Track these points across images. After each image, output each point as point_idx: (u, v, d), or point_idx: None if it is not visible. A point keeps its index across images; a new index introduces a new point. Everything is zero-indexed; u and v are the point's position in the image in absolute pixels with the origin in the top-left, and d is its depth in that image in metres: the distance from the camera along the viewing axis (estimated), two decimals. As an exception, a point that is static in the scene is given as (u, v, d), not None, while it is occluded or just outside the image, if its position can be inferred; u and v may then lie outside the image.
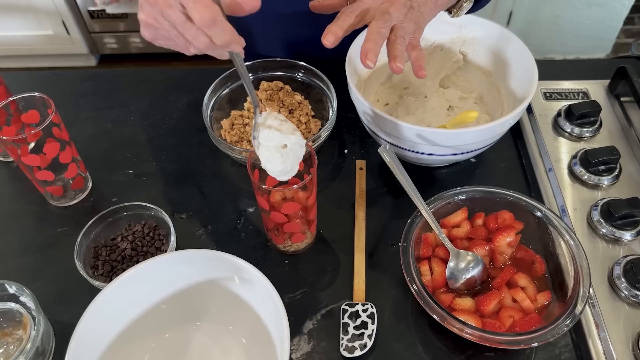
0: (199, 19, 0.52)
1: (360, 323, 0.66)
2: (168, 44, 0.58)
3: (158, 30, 0.56)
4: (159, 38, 0.57)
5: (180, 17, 0.53)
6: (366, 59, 0.62)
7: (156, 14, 0.54)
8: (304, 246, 0.74)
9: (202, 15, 0.51)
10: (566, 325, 0.58)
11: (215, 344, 0.65)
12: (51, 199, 0.80)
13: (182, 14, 0.53)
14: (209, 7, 0.52)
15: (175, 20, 0.53)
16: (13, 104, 0.74)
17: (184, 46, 0.57)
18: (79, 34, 2.35)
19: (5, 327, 0.66)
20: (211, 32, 0.53)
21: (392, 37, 0.65)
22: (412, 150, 0.74)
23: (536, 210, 0.68)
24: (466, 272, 0.65)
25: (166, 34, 0.56)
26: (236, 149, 0.78)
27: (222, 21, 0.53)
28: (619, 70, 0.88)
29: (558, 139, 0.84)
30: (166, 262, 0.61)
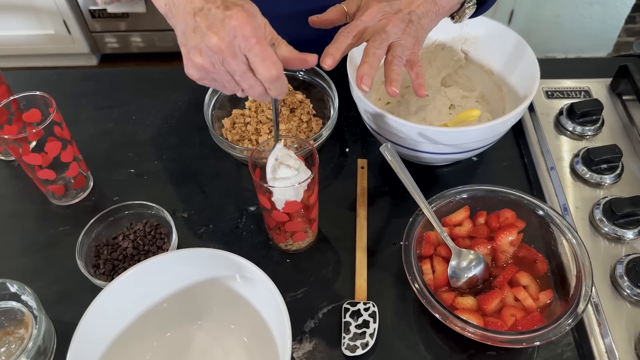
0: (266, 75, 0.53)
1: (361, 322, 0.66)
2: (213, 85, 0.58)
3: (210, 73, 0.56)
4: (207, 79, 0.57)
5: (241, 67, 0.53)
6: (361, 83, 0.62)
7: (216, 60, 0.53)
8: (305, 245, 0.74)
9: (270, 72, 0.53)
10: (568, 324, 0.58)
11: (216, 343, 0.65)
12: (52, 198, 0.80)
13: (243, 64, 0.53)
14: (276, 64, 0.53)
15: (235, 70, 0.54)
16: (14, 103, 0.74)
17: (231, 89, 0.58)
18: (80, 34, 2.35)
19: (7, 326, 0.66)
20: (271, 86, 0.55)
21: (389, 57, 0.65)
22: (413, 149, 0.74)
23: (538, 209, 0.68)
24: (468, 271, 0.65)
25: (217, 78, 0.56)
26: (237, 148, 0.77)
27: (283, 76, 0.54)
28: (621, 69, 0.87)
29: (560, 138, 0.83)
30: (167, 261, 0.61)
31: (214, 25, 0.51)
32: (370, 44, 0.64)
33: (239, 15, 0.51)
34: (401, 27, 0.65)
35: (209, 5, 0.52)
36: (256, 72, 0.53)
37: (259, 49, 0.51)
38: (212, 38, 0.51)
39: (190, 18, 0.53)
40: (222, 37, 0.51)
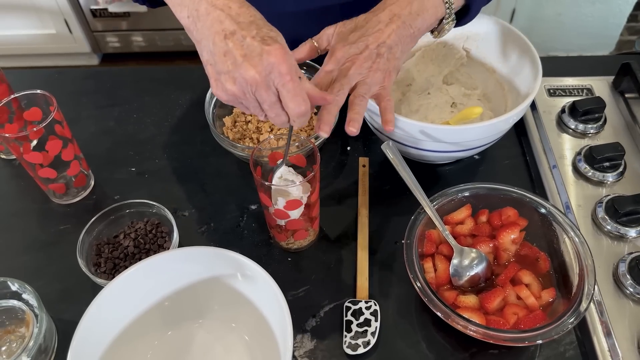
0: (296, 111, 0.55)
1: (363, 320, 0.65)
2: (239, 106, 0.59)
3: (239, 99, 0.57)
4: (235, 103, 0.58)
5: (272, 98, 0.55)
6: (319, 130, 0.61)
7: (248, 90, 0.54)
8: (306, 243, 0.74)
9: (300, 108, 0.55)
10: (571, 323, 0.57)
11: (218, 341, 0.65)
12: (53, 196, 0.80)
13: (274, 96, 0.55)
14: (306, 101, 0.55)
15: (265, 99, 0.55)
16: (15, 102, 0.74)
17: (256, 113, 0.58)
18: (81, 33, 2.35)
19: (8, 325, 0.66)
20: (298, 120, 0.56)
21: (351, 97, 0.64)
22: (415, 147, 0.74)
23: (540, 207, 0.68)
24: (470, 269, 0.65)
25: (245, 103, 0.57)
26: (239, 146, 0.77)
27: (309, 112, 0.56)
28: (624, 67, 0.87)
29: (562, 136, 0.83)
30: (168, 259, 0.61)
31: (251, 58, 0.52)
32: (329, 91, 0.63)
33: (278, 52, 0.52)
34: (367, 66, 0.64)
35: (244, 32, 0.53)
36: (286, 106, 0.55)
37: (292, 85, 0.53)
38: (249, 71, 0.52)
39: (220, 39, 0.54)
40: (259, 71, 0.52)
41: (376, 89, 0.65)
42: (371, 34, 0.65)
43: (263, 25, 0.54)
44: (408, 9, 0.66)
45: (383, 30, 0.65)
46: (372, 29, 0.65)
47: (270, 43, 0.52)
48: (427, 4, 0.67)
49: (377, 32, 0.65)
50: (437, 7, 0.67)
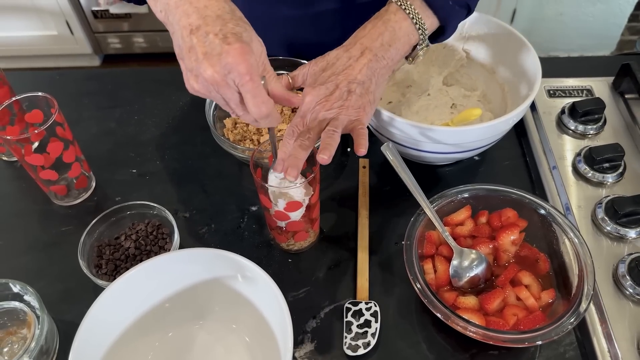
0: (256, 112, 0.54)
1: (363, 321, 0.66)
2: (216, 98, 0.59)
3: (207, 96, 0.57)
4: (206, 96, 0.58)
5: (235, 97, 0.55)
6: (287, 174, 0.61)
7: (211, 88, 0.54)
8: (307, 245, 0.74)
9: (259, 110, 0.54)
10: (570, 323, 0.58)
11: (218, 343, 0.65)
12: (55, 198, 0.80)
13: (237, 94, 0.54)
14: (266, 103, 0.54)
15: (230, 99, 0.55)
16: (17, 104, 0.74)
17: (227, 110, 0.58)
18: (82, 34, 2.35)
19: (10, 326, 0.66)
20: (261, 121, 0.56)
21: (323, 132, 0.63)
22: (415, 148, 0.74)
23: (540, 208, 0.68)
24: (470, 270, 0.65)
25: (215, 98, 0.57)
26: (239, 148, 0.78)
27: (273, 113, 0.56)
28: (623, 67, 0.87)
29: (562, 137, 0.83)
30: (169, 260, 0.61)
31: (210, 57, 0.52)
32: (298, 137, 0.63)
33: (236, 52, 0.51)
34: (337, 105, 0.63)
35: (207, 28, 0.52)
36: (247, 107, 0.55)
37: (251, 86, 0.52)
38: (207, 70, 0.52)
39: (186, 34, 0.54)
40: (217, 71, 0.52)
41: (350, 123, 0.64)
42: (341, 71, 0.65)
43: (230, 19, 0.53)
44: (379, 41, 0.66)
45: (354, 66, 0.65)
46: (342, 66, 0.65)
47: (232, 42, 0.51)
48: (399, 33, 0.66)
49: (347, 69, 0.65)
50: (410, 34, 0.67)
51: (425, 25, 0.67)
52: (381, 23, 0.67)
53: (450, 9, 0.68)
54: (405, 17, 0.66)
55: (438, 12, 0.67)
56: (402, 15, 0.66)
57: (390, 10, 0.67)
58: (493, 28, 0.83)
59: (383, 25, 0.67)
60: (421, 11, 0.67)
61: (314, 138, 0.63)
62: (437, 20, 0.68)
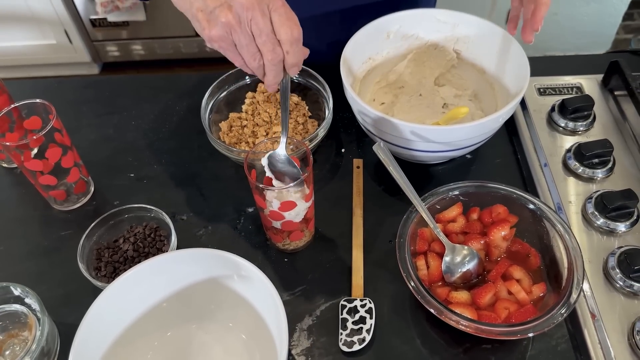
0: (289, 34, 0.55)
1: (358, 318, 0.67)
2: (229, 50, 0.59)
3: (235, 33, 0.57)
4: (226, 42, 0.58)
5: (268, 26, 0.55)
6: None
7: (244, 18, 0.55)
8: (302, 244, 0.75)
9: (292, 31, 0.55)
10: (561, 315, 0.59)
11: (216, 341, 0.66)
12: (54, 203, 0.82)
13: (269, 23, 0.55)
14: (298, 25, 0.56)
15: (262, 29, 0.55)
16: (15, 111, 0.75)
17: (248, 57, 0.58)
18: (81, 43, 2.37)
19: (11, 329, 0.67)
20: (291, 49, 0.57)
21: None
22: (407, 147, 0.75)
23: (529, 203, 0.69)
24: (462, 266, 0.66)
25: (239, 40, 0.57)
26: (235, 150, 0.79)
27: (301, 41, 0.57)
28: (612, 65, 0.88)
29: (552, 134, 0.84)
30: (167, 261, 0.63)
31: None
32: None
33: None
34: None
35: None
36: (278, 34, 0.56)
37: (284, 10, 0.55)
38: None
39: None
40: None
41: None
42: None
43: None
44: None
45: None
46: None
47: None
48: None
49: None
50: None
51: None
52: None
53: None
54: None
55: None
56: None
57: None
58: (483, 29, 0.85)
59: None
60: None
61: None
62: None
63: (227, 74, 0.89)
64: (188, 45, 2.42)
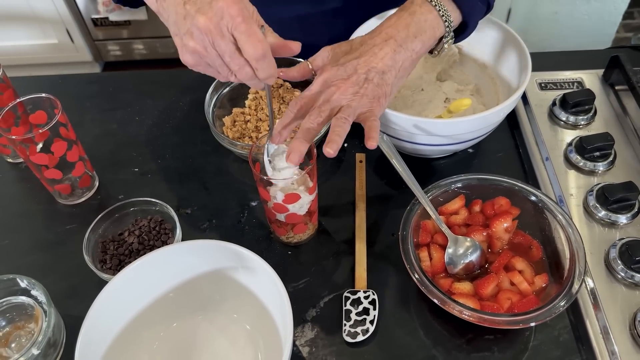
0: (252, 52, 0.54)
1: (362, 309, 0.67)
2: (208, 71, 0.59)
3: (203, 57, 0.57)
4: (201, 65, 0.59)
5: (230, 47, 0.55)
6: (288, 159, 0.60)
7: (207, 42, 0.55)
8: (306, 237, 0.76)
9: (255, 49, 0.54)
10: (563, 305, 0.59)
11: (221, 332, 0.67)
12: (59, 197, 0.82)
13: (232, 45, 0.55)
14: (262, 42, 0.54)
15: (225, 51, 0.55)
16: (21, 106, 0.76)
17: (225, 75, 0.59)
18: (83, 42, 2.38)
19: (18, 321, 0.68)
20: (258, 65, 0.56)
21: (334, 119, 0.61)
22: (409, 141, 0.76)
23: (531, 195, 0.70)
24: (464, 258, 0.67)
25: (210, 62, 0.58)
26: (238, 145, 0.79)
27: (270, 56, 0.56)
28: (613, 59, 0.89)
29: (554, 128, 0.85)
30: (172, 252, 0.63)
31: (202, 8, 0.53)
32: (307, 118, 0.61)
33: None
34: (351, 92, 0.61)
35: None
36: (243, 52, 0.55)
37: (244, 27, 0.53)
38: (200, 19, 0.53)
39: (180, 7, 0.56)
40: (209, 18, 0.53)
41: (362, 112, 0.62)
42: (362, 56, 0.63)
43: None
44: (405, 32, 0.65)
45: (376, 53, 0.63)
46: (364, 52, 0.64)
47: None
48: (425, 25, 0.66)
49: (369, 55, 0.63)
50: (435, 27, 0.67)
51: (451, 17, 0.67)
52: (407, 15, 0.66)
53: (473, 4, 0.68)
54: (431, 9, 0.66)
55: (461, 6, 0.68)
56: (428, 8, 0.66)
57: (415, 3, 0.67)
58: (484, 24, 0.85)
59: (409, 17, 0.66)
60: (446, 4, 0.67)
61: (324, 122, 0.61)
62: (460, 15, 0.69)
63: (230, 70, 0.89)
64: (189, 44, 2.42)
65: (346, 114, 0.61)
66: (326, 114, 0.61)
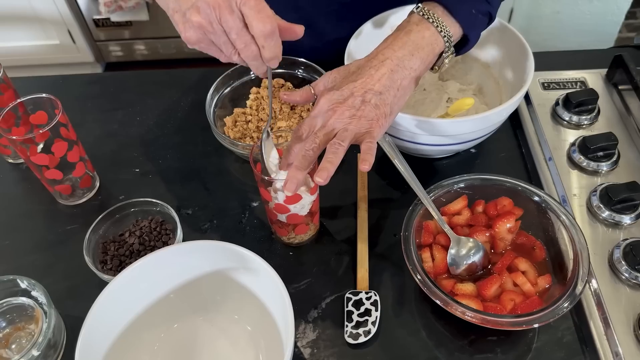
0: (261, 28, 0.54)
1: (364, 310, 0.67)
2: (210, 49, 0.58)
3: (208, 34, 0.56)
4: (204, 42, 0.58)
5: (238, 23, 0.54)
6: (284, 188, 0.60)
7: (213, 17, 0.54)
8: (307, 238, 0.75)
9: (264, 25, 0.53)
10: (566, 307, 0.59)
11: (222, 333, 0.66)
12: (60, 197, 0.82)
13: (240, 21, 0.54)
14: (270, 18, 0.54)
15: (232, 27, 0.54)
16: (21, 106, 0.76)
17: (228, 54, 0.58)
18: (84, 43, 2.38)
19: (18, 322, 0.67)
20: (265, 43, 0.55)
21: (328, 144, 0.60)
22: (412, 141, 0.75)
23: (534, 196, 0.69)
24: (467, 258, 0.66)
25: (215, 40, 0.57)
26: (239, 145, 0.79)
27: (277, 34, 0.55)
28: (616, 59, 0.88)
29: (557, 128, 0.85)
30: (173, 253, 0.63)
31: None
32: (302, 145, 0.61)
33: None
34: (348, 115, 0.61)
35: None
36: (250, 28, 0.54)
37: (254, 2, 0.53)
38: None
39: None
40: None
41: (360, 135, 0.61)
42: (359, 79, 0.63)
43: None
44: (401, 51, 0.64)
45: (373, 75, 0.63)
46: (361, 75, 0.63)
47: None
48: (422, 42, 0.65)
49: (366, 77, 0.63)
50: (434, 43, 0.66)
51: (450, 32, 0.66)
52: (403, 34, 0.66)
53: (473, 18, 0.67)
54: (429, 25, 0.66)
55: (461, 21, 0.67)
56: (425, 25, 0.66)
57: (412, 22, 0.67)
58: (486, 23, 0.85)
59: (405, 36, 0.66)
60: (444, 19, 0.66)
61: (319, 147, 0.61)
62: (461, 29, 0.68)
63: (231, 70, 0.89)
64: (191, 44, 2.42)
65: (341, 139, 0.60)
66: (320, 139, 0.61)
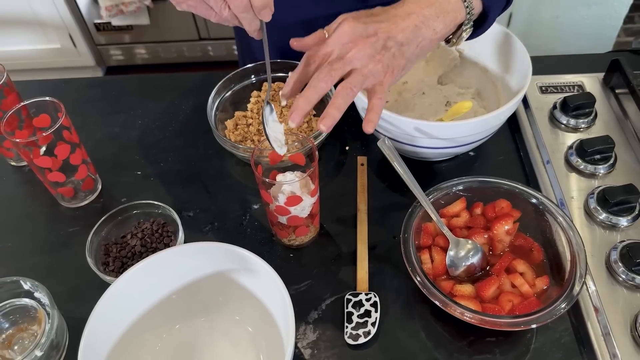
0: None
1: (364, 312, 0.67)
2: (199, 7, 0.58)
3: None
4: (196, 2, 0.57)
5: None
6: (289, 118, 0.57)
7: None
8: (307, 240, 0.76)
9: None
10: (564, 307, 0.59)
11: (223, 334, 0.67)
12: (62, 200, 0.83)
13: None
14: None
15: None
16: (25, 110, 0.77)
17: (218, 9, 0.57)
18: (85, 47, 2.39)
19: (21, 323, 0.68)
20: None
21: (339, 87, 0.58)
22: (411, 144, 0.76)
23: (532, 198, 0.70)
24: (466, 260, 0.67)
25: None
26: (240, 148, 0.80)
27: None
28: (613, 63, 0.89)
29: (555, 131, 0.85)
30: (175, 254, 0.63)
31: None
32: (316, 75, 0.58)
33: None
34: (368, 54, 0.58)
35: None
36: None
37: None
38: None
39: None
40: None
41: (371, 82, 0.59)
42: (384, 21, 0.60)
43: None
44: (428, 10, 0.63)
45: (398, 23, 0.61)
46: (387, 19, 0.61)
47: None
48: (448, 7, 0.64)
49: (391, 23, 0.60)
50: (457, 11, 0.65)
51: (473, 4, 0.65)
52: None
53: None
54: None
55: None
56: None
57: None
58: (485, 27, 0.85)
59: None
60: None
61: (333, 82, 0.57)
62: (482, 5, 0.67)
63: (232, 73, 0.90)
64: (191, 49, 2.44)
65: (353, 83, 0.57)
66: (338, 74, 0.58)
